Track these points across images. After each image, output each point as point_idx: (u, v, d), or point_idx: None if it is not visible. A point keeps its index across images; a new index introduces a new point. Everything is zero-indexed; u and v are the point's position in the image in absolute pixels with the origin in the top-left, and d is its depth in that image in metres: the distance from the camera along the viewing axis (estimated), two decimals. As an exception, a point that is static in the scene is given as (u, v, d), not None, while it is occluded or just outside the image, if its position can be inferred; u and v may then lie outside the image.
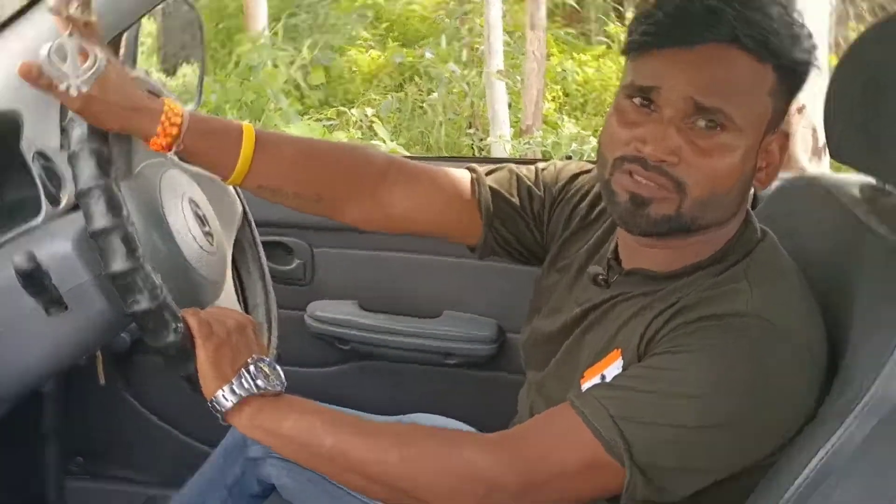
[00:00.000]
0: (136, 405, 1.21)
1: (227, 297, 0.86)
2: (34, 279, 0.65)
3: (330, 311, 1.13)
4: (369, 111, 3.90)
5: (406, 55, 4.43)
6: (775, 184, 0.78)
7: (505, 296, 1.08)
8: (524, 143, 3.61)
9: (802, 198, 0.81)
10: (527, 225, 0.76)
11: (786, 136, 0.62)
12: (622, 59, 0.68)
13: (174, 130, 0.59)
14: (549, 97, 4.18)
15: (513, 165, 0.78)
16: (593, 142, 3.70)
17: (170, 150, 0.61)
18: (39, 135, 0.85)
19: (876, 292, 0.59)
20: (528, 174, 0.76)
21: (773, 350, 0.53)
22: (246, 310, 0.91)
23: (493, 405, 0.89)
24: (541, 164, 0.79)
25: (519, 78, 4.04)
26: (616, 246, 0.67)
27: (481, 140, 3.98)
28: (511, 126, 3.81)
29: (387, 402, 1.02)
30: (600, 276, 0.66)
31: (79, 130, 0.59)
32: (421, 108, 4.20)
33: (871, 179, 0.70)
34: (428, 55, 4.26)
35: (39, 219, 0.76)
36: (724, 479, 0.53)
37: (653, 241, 0.60)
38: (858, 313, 0.59)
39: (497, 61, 3.72)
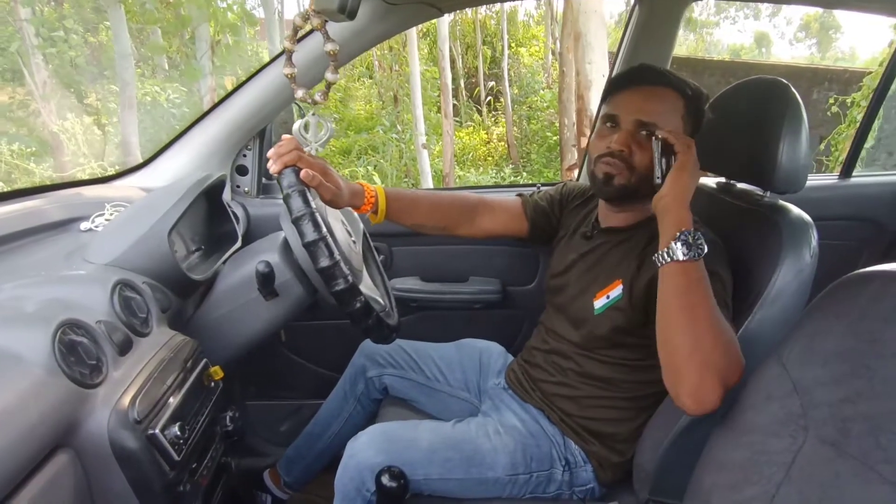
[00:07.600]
0: (286, 352, 1.48)
1: (365, 281, 0.97)
2: (267, 278, 0.79)
3: (403, 283, 1.40)
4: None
5: (361, 140, 6.65)
6: None
7: (504, 265, 1.40)
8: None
9: None
10: (549, 221, 1.04)
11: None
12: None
13: (372, 201, 0.86)
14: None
15: (545, 188, 1.04)
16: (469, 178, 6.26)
17: (369, 212, 0.88)
18: (227, 191, 1.09)
19: (738, 234, 0.81)
20: (553, 192, 1.05)
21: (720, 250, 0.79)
22: (375, 285, 1.05)
23: (503, 329, 1.25)
24: (552, 187, 1.07)
25: (434, 147, 6.33)
26: (596, 216, 0.93)
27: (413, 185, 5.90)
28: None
29: (440, 335, 1.24)
30: (587, 233, 0.92)
31: (287, 180, 0.67)
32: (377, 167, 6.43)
33: (721, 178, 0.99)
34: (380, 131, 6.47)
35: (238, 244, 0.93)
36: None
37: (616, 207, 0.86)
38: (742, 247, 0.80)
39: (422, 138, 5.44)
